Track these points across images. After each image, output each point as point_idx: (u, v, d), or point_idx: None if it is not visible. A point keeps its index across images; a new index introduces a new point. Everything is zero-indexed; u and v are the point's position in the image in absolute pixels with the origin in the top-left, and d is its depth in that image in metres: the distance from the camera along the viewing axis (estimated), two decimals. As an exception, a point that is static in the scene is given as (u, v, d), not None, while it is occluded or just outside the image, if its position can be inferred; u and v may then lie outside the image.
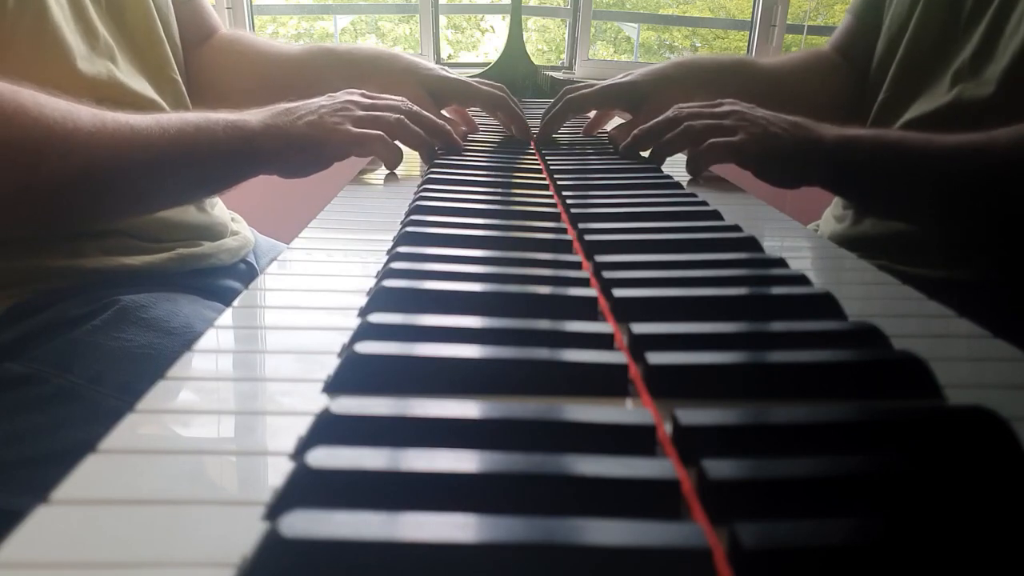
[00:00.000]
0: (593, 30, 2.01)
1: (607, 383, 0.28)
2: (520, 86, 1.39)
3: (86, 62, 0.62)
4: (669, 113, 0.70)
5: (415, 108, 0.71)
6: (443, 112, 0.82)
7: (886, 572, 0.19)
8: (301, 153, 0.63)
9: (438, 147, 0.72)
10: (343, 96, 0.68)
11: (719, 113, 0.68)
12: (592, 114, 0.93)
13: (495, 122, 0.94)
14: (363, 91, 0.70)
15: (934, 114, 0.71)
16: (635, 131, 0.74)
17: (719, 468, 0.22)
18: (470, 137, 0.87)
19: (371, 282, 0.39)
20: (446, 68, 0.85)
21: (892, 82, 0.78)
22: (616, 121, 0.91)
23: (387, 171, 0.70)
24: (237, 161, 0.61)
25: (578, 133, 0.95)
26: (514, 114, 0.85)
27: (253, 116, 0.62)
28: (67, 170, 0.50)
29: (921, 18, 0.75)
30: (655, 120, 0.71)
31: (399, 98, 0.71)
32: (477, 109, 0.92)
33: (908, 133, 0.64)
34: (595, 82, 0.87)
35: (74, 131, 0.50)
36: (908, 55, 0.77)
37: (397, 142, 0.68)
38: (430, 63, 0.85)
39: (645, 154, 0.75)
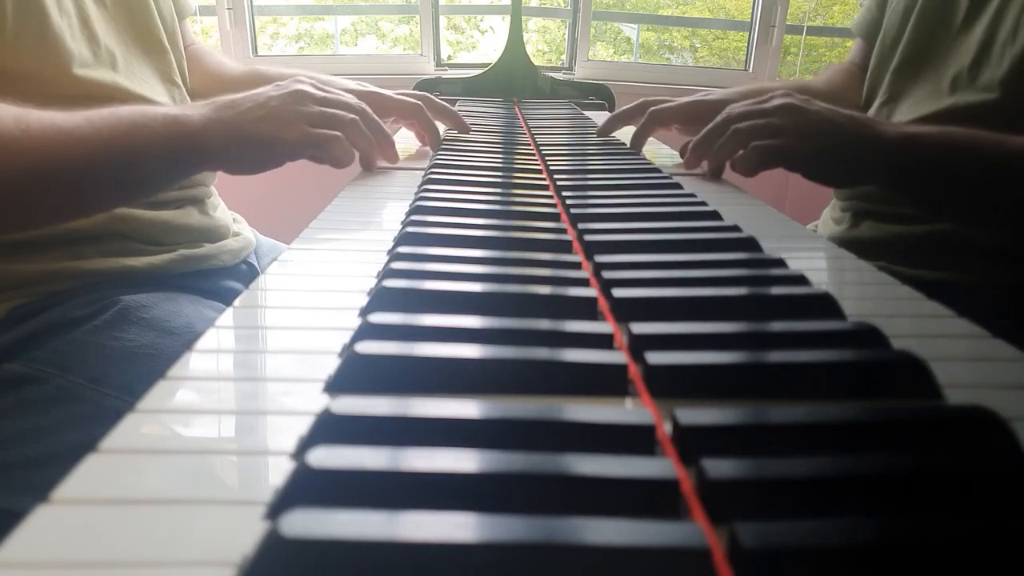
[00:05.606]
0: (593, 31, 2.01)
1: (607, 383, 0.28)
2: (520, 87, 1.39)
3: (87, 68, 0.62)
4: (719, 117, 0.68)
5: (366, 108, 0.67)
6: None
7: (886, 572, 0.19)
8: (249, 150, 0.58)
9: (380, 157, 0.70)
10: (293, 86, 0.62)
11: (768, 110, 0.65)
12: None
13: (494, 122, 0.94)
14: (313, 79, 0.66)
15: (932, 117, 0.71)
16: (690, 142, 0.72)
17: (719, 468, 0.22)
18: (470, 137, 0.87)
19: (371, 282, 0.39)
20: (365, 84, 0.80)
21: (890, 85, 0.79)
22: (626, 129, 0.90)
23: (363, 170, 0.70)
24: (179, 157, 0.57)
25: (578, 133, 0.94)
26: (429, 125, 0.81)
27: (196, 110, 0.58)
28: None
29: (916, 22, 0.76)
30: (707, 128, 0.69)
31: (349, 95, 0.66)
32: (472, 111, 0.91)
33: (979, 132, 0.60)
34: (671, 97, 0.85)
35: None
36: (903, 59, 0.77)
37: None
38: (342, 80, 0.80)
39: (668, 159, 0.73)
